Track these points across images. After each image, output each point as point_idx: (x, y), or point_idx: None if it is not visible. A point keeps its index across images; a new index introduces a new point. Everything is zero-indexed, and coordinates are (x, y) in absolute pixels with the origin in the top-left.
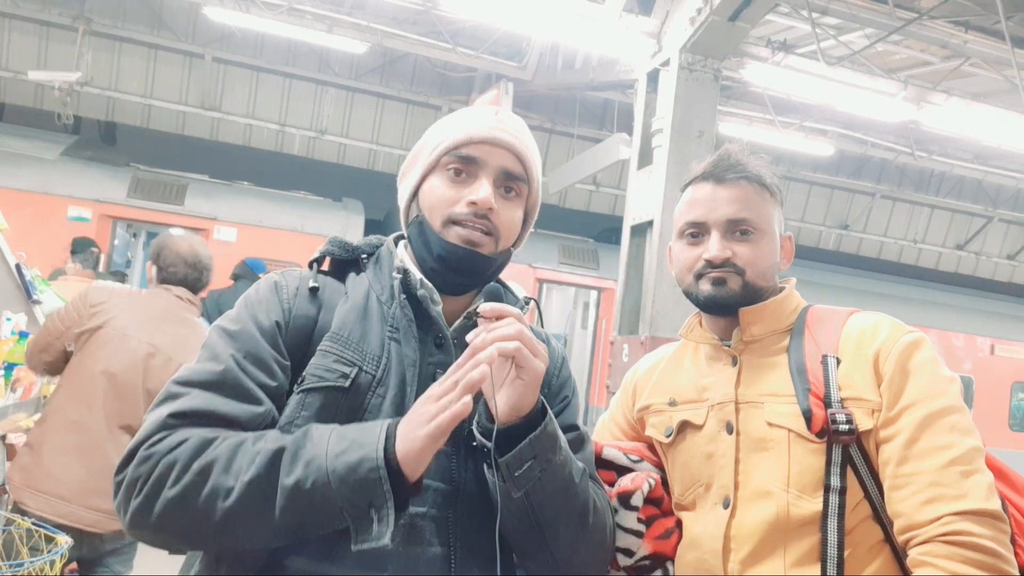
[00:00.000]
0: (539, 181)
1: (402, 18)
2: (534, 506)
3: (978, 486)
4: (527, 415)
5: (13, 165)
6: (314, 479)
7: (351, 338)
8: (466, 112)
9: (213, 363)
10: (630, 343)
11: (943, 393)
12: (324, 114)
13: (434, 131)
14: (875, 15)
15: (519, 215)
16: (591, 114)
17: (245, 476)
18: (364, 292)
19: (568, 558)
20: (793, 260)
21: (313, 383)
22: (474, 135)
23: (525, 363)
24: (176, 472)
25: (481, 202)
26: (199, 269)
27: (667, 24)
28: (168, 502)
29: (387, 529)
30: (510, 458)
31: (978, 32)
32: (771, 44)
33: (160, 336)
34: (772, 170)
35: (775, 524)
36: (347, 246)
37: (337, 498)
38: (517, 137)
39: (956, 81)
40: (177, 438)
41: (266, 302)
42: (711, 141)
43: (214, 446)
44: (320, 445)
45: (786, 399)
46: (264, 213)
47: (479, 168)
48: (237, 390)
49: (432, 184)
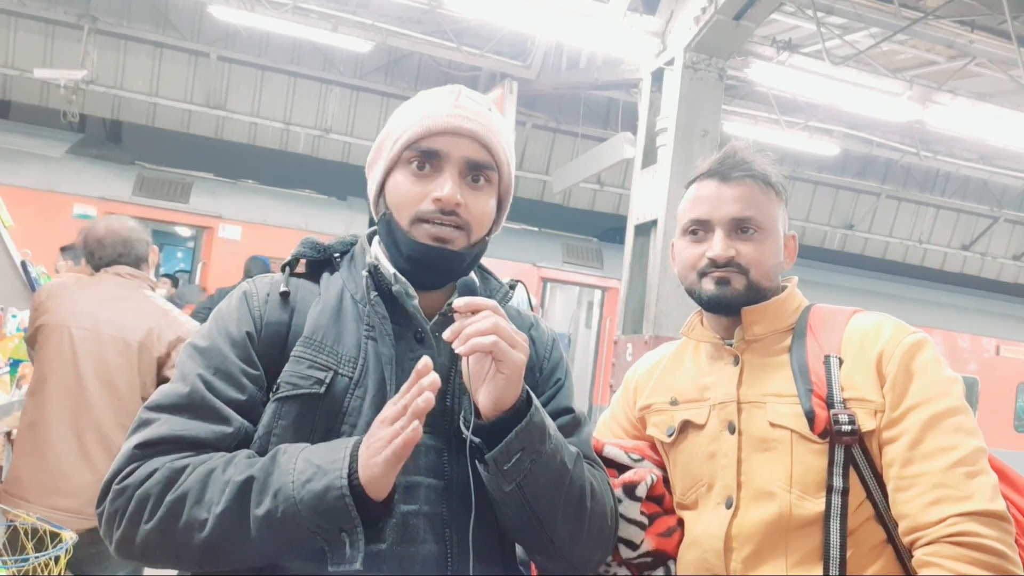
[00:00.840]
0: (510, 163)
1: (407, 17)
2: (528, 498)
3: (983, 487)
4: (512, 407)
5: (19, 163)
6: (283, 509)
7: (325, 341)
8: (425, 97)
9: (180, 384)
10: (634, 342)
11: (947, 394)
12: (329, 113)
13: (395, 120)
14: (880, 14)
15: (491, 203)
16: (595, 113)
17: (217, 508)
18: (338, 292)
19: (569, 544)
20: (797, 260)
21: (288, 391)
22: (433, 126)
23: (503, 356)
24: (150, 506)
25: (446, 199)
26: (124, 243)
27: (672, 23)
28: (147, 535)
29: (358, 554)
30: (497, 453)
31: (984, 32)
32: (776, 43)
33: (103, 318)
34: (777, 168)
35: (777, 524)
36: (319, 246)
37: (308, 525)
38: (480, 122)
39: (962, 81)
40: (147, 470)
41: (236, 312)
42: (715, 140)
43: (184, 476)
44: (287, 473)
45: (788, 399)
46: (269, 211)
47: (442, 161)
48: (204, 411)
49: (396, 180)
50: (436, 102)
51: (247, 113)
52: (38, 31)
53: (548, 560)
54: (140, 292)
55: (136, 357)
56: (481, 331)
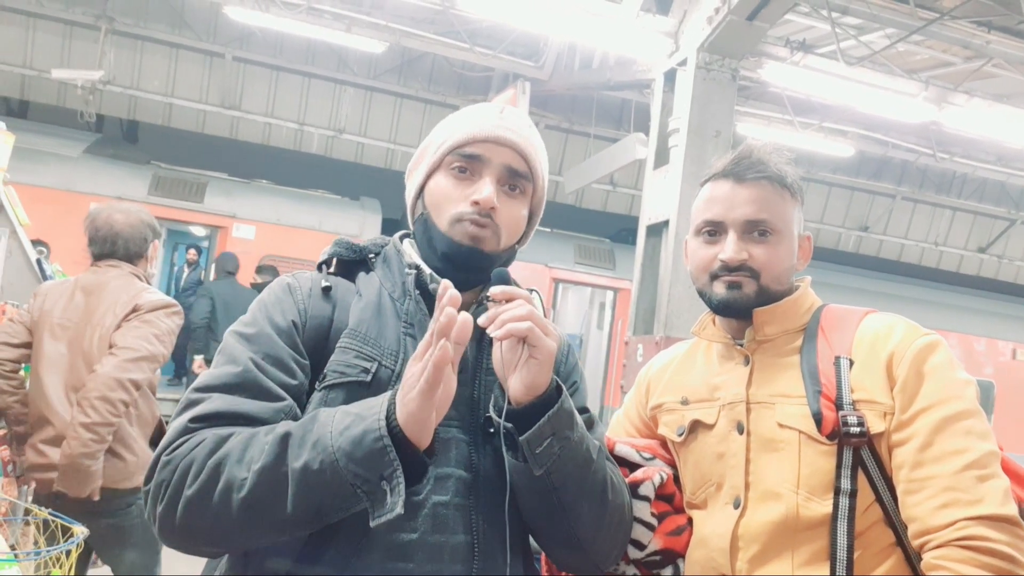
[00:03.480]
0: (544, 178)
1: (420, 18)
2: (555, 484)
3: (994, 491)
4: (543, 394)
5: (37, 162)
6: (322, 459)
7: (369, 334)
8: (471, 110)
9: (231, 366)
10: (645, 343)
11: (958, 396)
12: (342, 113)
13: (439, 129)
14: (896, 15)
15: (523, 213)
16: (608, 114)
17: (256, 465)
18: (376, 290)
19: (591, 536)
20: (811, 261)
21: (335, 379)
22: (478, 134)
23: (538, 342)
24: (193, 471)
25: (483, 201)
26: (106, 239)
27: (685, 23)
28: (188, 502)
29: (399, 499)
30: (531, 435)
31: (1001, 32)
32: (790, 44)
33: (73, 311)
34: (793, 169)
35: (784, 525)
36: (354, 247)
37: (346, 475)
38: (521, 135)
39: (978, 82)
40: (196, 440)
41: (281, 303)
42: (728, 141)
43: (228, 442)
44: (326, 424)
45: (797, 400)
46: (282, 211)
47: (483, 166)
48: (257, 390)
49: (437, 182)
50: (481, 113)
51: (261, 113)
52: (56, 32)
53: (568, 553)
54: (120, 281)
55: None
56: (517, 317)
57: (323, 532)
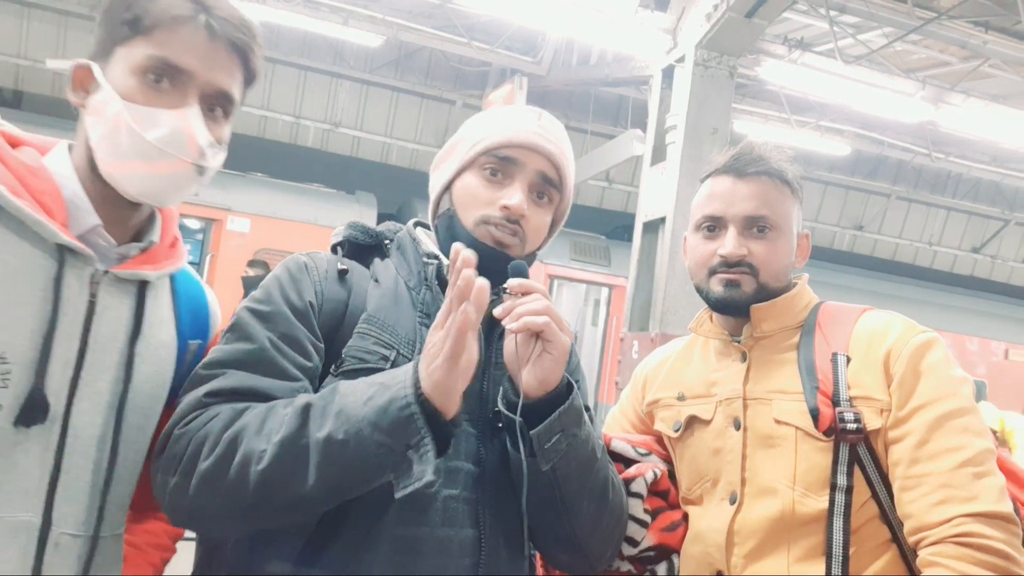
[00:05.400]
0: (572, 189)
1: (417, 12)
2: (560, 480)
3: (990, 488)
4: (554, 390)
5: None
6: (346, 428)
7: (387, 322)
8: (509, 111)
9: (246, 343)
10: (640, 340)
11: (955, 394)
12: (339, 107)
13: (474, 127)
14: (894, 14)
15: (547, 220)
16: (605, 110)
17: (276, 437)
18: (393, 278)
19: (589, 534)
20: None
21: (354, 365)
22: (515, 139)
23: (553, 337)
24: (209, 444)
25: (514, 208)
26: None
27: (683, 20)
28: (202, 476)
29: (428, 466)
30: (541, 430)
31: (998, 32)
32: (788, 42)
33: None
34: (793, 166)
35: (780, 521)
36: (370, 231)
37: (371, 444)
38: (557, 145)
39: (975, 82)
40: (210, 414)
41: (298, 282)
42: (725, 138)
43: (245, 414)
44: (348, 395)
45: (794, 396)
46: (277, 204)
47: (516, 171)
48: (273, 369)
49: (467, 181)
50: (519, 117)
51: (257, 106)
52: (51, 21)
53: (564, 551)
54: None
55: None
56: (534, 311)
57: (331, 522)
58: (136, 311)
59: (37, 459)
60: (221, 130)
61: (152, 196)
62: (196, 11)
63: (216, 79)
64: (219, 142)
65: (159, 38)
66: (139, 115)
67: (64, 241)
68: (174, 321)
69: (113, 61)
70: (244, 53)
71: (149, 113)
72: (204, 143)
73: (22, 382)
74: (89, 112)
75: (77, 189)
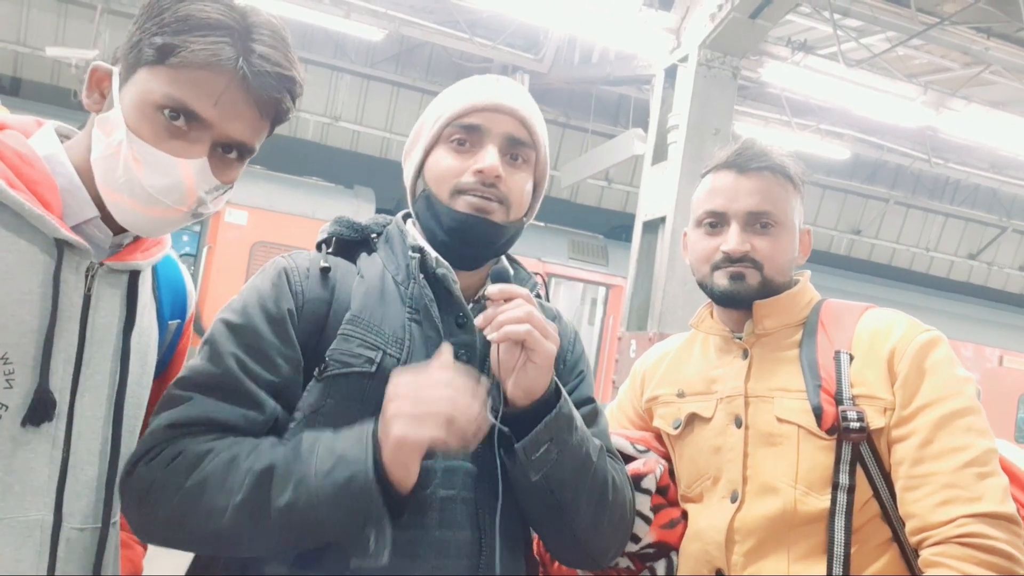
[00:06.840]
0: (546, 146)
1: (420, 6)
2: (553, 488)
3: (994, 489)
4: (542, 397)
5: None
6: (304, 500)
7: (372, 321)
8: (466, 82)
9: (212, 364)
10: (638, 339)
11: (959, 393)
12: (339, 100)
13: (434, 105)
14: (897, 18)
15: (528, 183)
16: (606, 109)
17: (236, 498)
18: (379, 273)
19: (589, 535)
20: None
21: (338, 369)
22: (476, 103)
23: (536, 346)
24: (171, 490)
25: (487, 170)
26: None
27: (687, 20)
28: (167, 519)
29: (385, 548)
30: (526, 442)
31: (1000, 39)
32: (791, 44)
33: None
34: (795, 161)
35: (781, 519)
36: (356, 226)
37: (328, 520)
38: (520, 102)
39: (976, 88)
40: (172, 452)
41: (275, 289)
42: (727, 139)
43: (208, 460)
44: (308, 463)
45: (796, 394)
46: (275, 197)
47: (483, 136)
48: (236, 394)
49: (436, 157)
50: (478, 83)
51: None
52: (51, 9)
53: (566, 551)
54: None
55: None
56: (515, 319)
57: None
58: (128, 301)
59: (45, 457)
60: (232, 172)
61: (139, 230)
62: (233, 58)
63: (237, 132)
64: (225, 183)
65: (185, 77)
66: (141, 154)
67: (64, 236)
68: (155, 304)
69: (133, 80)
70: (277, 104)
71: (153, 156)
72: (204, 192)
73: (26, 382)
74: (98, 123)
75: (74, 178)
